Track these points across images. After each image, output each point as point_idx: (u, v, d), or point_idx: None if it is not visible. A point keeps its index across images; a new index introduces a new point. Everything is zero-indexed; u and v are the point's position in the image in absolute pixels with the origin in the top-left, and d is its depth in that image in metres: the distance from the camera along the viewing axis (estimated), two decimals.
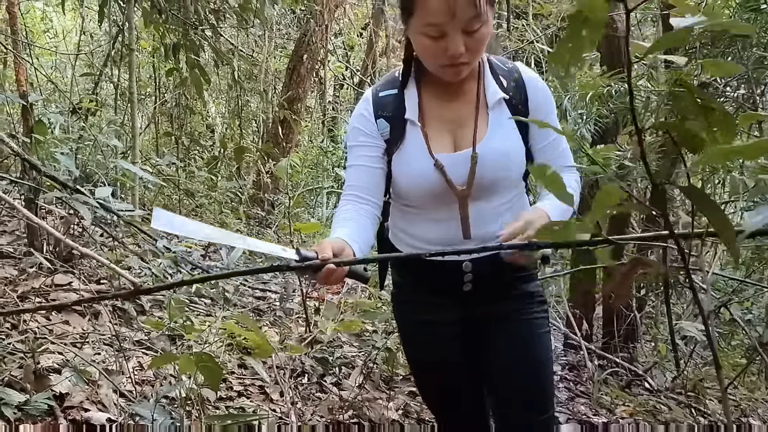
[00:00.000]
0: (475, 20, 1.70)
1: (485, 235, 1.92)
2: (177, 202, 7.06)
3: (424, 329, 2.13)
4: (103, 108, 7.15)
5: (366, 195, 1.93)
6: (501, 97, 1.88)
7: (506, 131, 1.88)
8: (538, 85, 1.92)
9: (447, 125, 1.92)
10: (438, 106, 1.93)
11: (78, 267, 3.95)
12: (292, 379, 3.65)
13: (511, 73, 1.92)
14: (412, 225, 2.02)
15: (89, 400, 2.68)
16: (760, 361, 5.61)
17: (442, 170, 1.86)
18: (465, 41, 1.73)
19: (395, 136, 1.92)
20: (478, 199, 1.90)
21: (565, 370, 5.44)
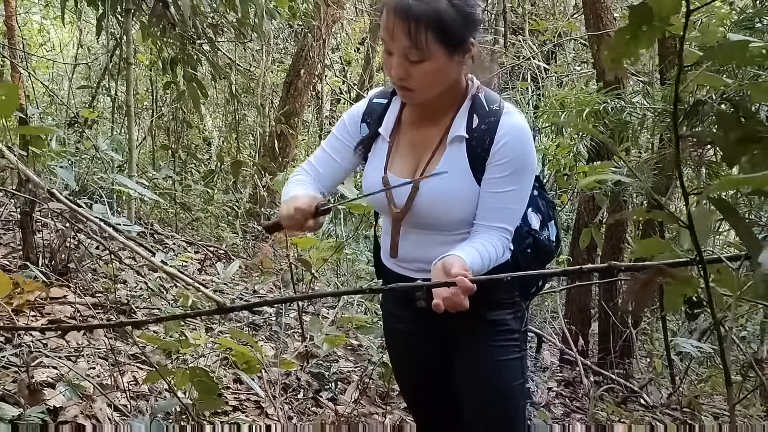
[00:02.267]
0: (411, 51, 1.70)
1: (421, 260, 1.95)
2: (173, 215, 7.05)
3: (393, 335, 2.27)
4: (100, 121, 7.16)
5: (321, 181, 2.06)
6: (459, 135, 1.84)
7: (456, 171, 1.85)
8: (510, 135, 1.80)
9: (414, 149, 1.95)
10: (411, 129, 1.96)
11: (73, 280, 3.94)
12: (288, 394, 3.64)
13: (490, 114, 1.83)
14: (382, 231, 2.16)
15: (83, 414, 2.66)
16: (755, 378, 5.61)
17: (385, 185, 1.94)
18: (408, 68, 1.73)
19: (369, 142, 2.00)
20: (416, 226, 1.94)
21: (561, 386, 5.43)
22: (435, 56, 1.70)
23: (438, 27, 1.67)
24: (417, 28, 1.66)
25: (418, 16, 1.65)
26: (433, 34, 1.67)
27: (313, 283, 5.13)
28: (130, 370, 3.23)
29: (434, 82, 1.78)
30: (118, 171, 5.53)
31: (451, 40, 1.70)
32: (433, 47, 1.69)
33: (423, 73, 1.73)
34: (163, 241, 5.98)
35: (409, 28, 1.66)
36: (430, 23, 1.66)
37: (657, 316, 6.08)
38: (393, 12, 1.68)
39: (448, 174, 1.83)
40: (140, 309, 3.92)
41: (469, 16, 1.71)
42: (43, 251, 3.97)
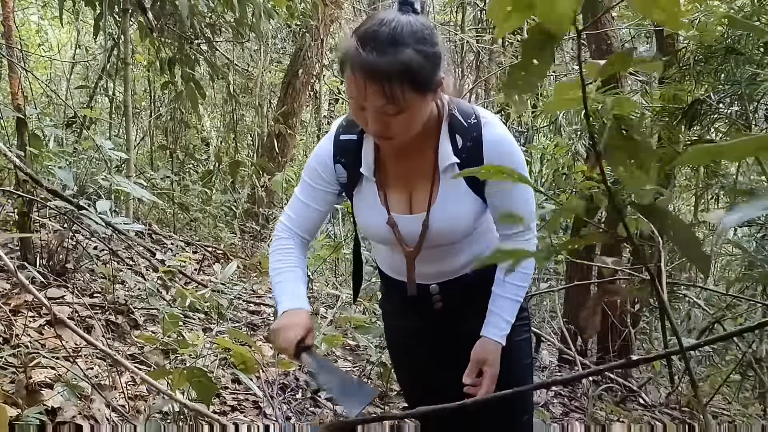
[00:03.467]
0: (388, 106, 1.65)
1: (436, 273, 2.00)
2: (171, 216, 7.05)
3: (400, 333, 2.26)
4: (98, 121, 7.15)
5: (304, 233, 2.04)
6: (451, 164, 1.83)
7: (457, 197, 1.86)
8: (496, 146, 1.81)
9: (403, 183, 1.92)
10: (394, 163, 1.92)
11: (71, 280, 3.94)
12: (286, 394, 3.64)
13: (471, 130, 1.82)
14: (376, 248, 2.16)
15: (81, 414, 2.66)
16: (754, 377, 5.61)
17: (394, 228, 1.92)
18: (386, 121, 1.69)
19: (351, 183, 1.95)
20: (427, 251, 1.95)
21: (559, 386, 5.43)
22: (412, 105, 1.66)
23: (410, 78, 1.62)
24: (391, 86, 1.61)
25: (389, 74, 1.60)
26: (407, 86, 1.62)
27: (310, 283, 5.13)
28: (129, 370, 3.22)
29: (414, 126, 1.74)
30: (116, 171, 5.53)
31: (425, 85, 1.66)
32: (409, 98, 1.64)
33: (402, 122, 1.70)
34: (161, 241, 5.98)
35: (383, 88, 1.61)
36: (402, 77, 1.60)
37: (656, 315, 6.08)
38: (361, 73, 1.62)
39: (455, 201, 1.85)
40: (138, 309, 3.91)
41: (434, 56, 1.66)
42: (41, 251, 3.96)
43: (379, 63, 1.59)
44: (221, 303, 4.38)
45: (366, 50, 1.59)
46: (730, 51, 2.87)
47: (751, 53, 2.87)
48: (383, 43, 1.59)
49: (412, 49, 1.60)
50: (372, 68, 1.60)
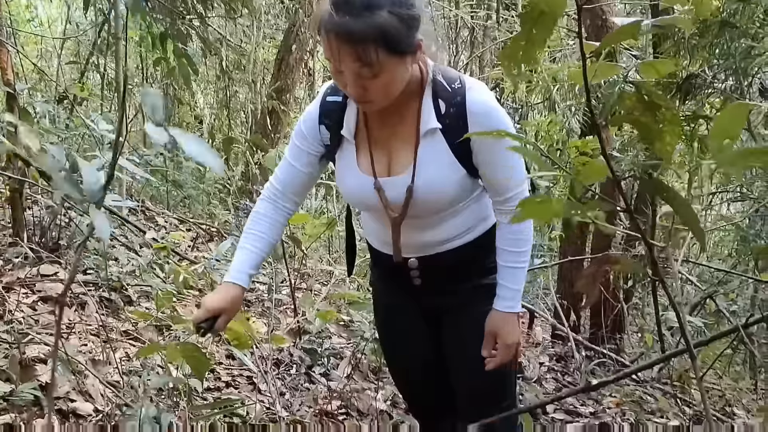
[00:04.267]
0: (363, 70, 1.64)
1: (422, 244, 1.99)
2: (165, 193, 7.02)
3: (386, 311, 2.26)
4: (90, 98, 7.10)
5: (290, 194, 2.05)
6: (432, 128, 1.82)
7: (439, 162, 1.84)
8: (480, 112, 1.79)
9: (384, 146, 1.90)
10: (377, 125, 1.90)
11: (64, 257, 3.93)
12: (280, 370, 3.65)
13: (454, 95, 1.80)
14: (364, 220, 2.15)
15: (76, 390, 2.66)
16: (745, 352, 5.65)
17: (380, 192, 1.91)
18: (364, 84, 1.68)
19: (333, 145, 1.95)
20: (412, 219, 1.93)
21: (552, 361, 5.46)
22: (388, 68, 1.65)
23: (385, 41, 1.60)
24: (365, 49, 1.60)
25: (363, 37, 1.58)
26: (382, 49, 1.61)
27: (305, 260, 5.13)
28: (122, 346, 3.23)
29: (393, 90, 1.73)
30: (108, 149, 5.49)
31: (401, 48, 1.64)
32: (384, 61, 1.63)
33: (380, 86, 1.69)
34: (154, 218, 5.96)
35: (356, 51, 1.60)
36: (377, 40, 1.59)
37: (648, 291, 6.10)
38: (335, 37, 1.61)
39: (436, 167, 1.84)
40: (132, 286, 3.91)
41: (410, 19, 1.64)
42: (33, 229, 3.95)
43: (353, 26, 1.58)
44: (215, 280, 4.38)
45: (339, 13, 1.58)
46: (725, 24, 2.86)
47: (746, 27, 2.86)
48: (357, 5, 1.58)
49: (386, 12, 1.59)
50: (345, 32, 1.59)
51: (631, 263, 1.57)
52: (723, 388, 5.25)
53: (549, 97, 6.07)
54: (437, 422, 2.29)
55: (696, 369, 1.25)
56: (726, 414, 4.73)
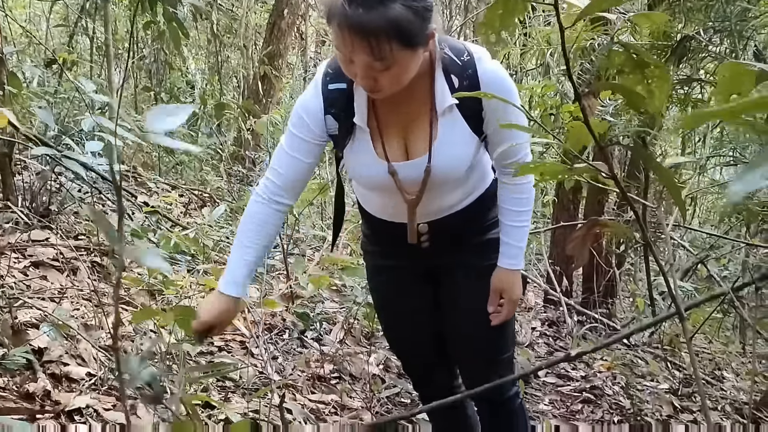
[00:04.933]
0: (376, 63, 1.60)
1: (432, 212, 1.98)
2: (156, 159, 6.99)
3: (384, 273, 2.22)
4: (80, 62, 7.03)
5: (289, 189, 1.96)
6: (450, 105, 1.79)
7: (457, 138, 1.83)
8: (493, 79, 1.77)
9: (397, 130, 1.87)
10: (388, 109, 1.86)
11: (55, 222, 3.91)
12: (273, 335, 3.66)
13: (465, 68, 1.78)
14: (365, 196, 2.11)
15: (68, 354, 2.67)
16: (735, 317, 5.70)
17: (395, 177, 1.88)
18: (375, 76, 1.64)
19: (343, 134, 1.89)
20: (427, 196, 1.92)
21: (544, 326, 5.49)
22: (401, 61, 1.62)
23: (398, 35, 1.56)
24: (378, 44, 1.56)
25: (376, 31, 1.54)
26: (395, 43, 1.57)
27: (297, 225, 5.13)
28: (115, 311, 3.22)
29: (405, 79, 1.70)
30: (99, 113, 5.45)
31: (415, 41, 1.62)
32: (397, 54, 1.60)
33: (392, 77, 1.65)
34: (145, 184, 5.94)
35: (369, 45, 1.56)
36: (390, 35, 1.55)
37: (640, 256, 6.13)
38: (347, 30, 1.56)
39: (456, 143, 1.83)
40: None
41: (424, 10, 1.60)
42: (24, 193, 3.93)
43: (366, 20, 1.53)
44: (207, 245, 4.38)
45: (352, 6, 1.53)
46: None
47: None
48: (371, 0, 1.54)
49: (400, 4, 1.54)
50: (358, 25, 1.54)
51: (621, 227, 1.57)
52: (713, 352, 5.30)
53: (543, 62, 6.03)
54: (432, 382, 2.31)
55: (686, 331, 1.26)
56: (715, 377, 4.78)
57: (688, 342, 1.18)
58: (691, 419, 3.53)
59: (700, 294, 4.97)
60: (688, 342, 1.16)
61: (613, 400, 3.80)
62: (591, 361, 4.51)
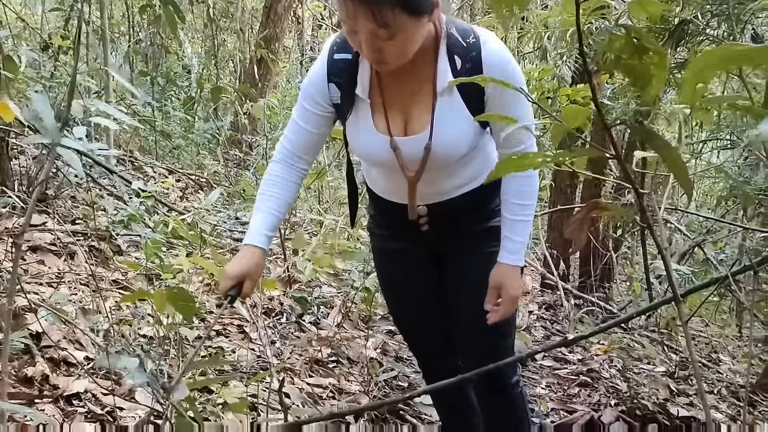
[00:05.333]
0: (380, 31, 1.60)
1: (434, 194, 1.99)
2: (153, 143, 6.97)
3: (390, 256, 2.24)
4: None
5: (301, 154, 2.02)
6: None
7: (455, 118, 1.83)
8: (496, 63, 1.77)
9: (399, 105, 1.88)
10: (391, 83, 1.86)
11: (52, 206, 3.91)
12: (271, 319, 3.67)
13: (470, 50, 1.77)
14: (368, 172, 2.13)
15: (66, 339, 2.67)
16: (731, 300, 5.72)
17: (396, 151, 1.88)
18: (380, 45, 1.64)
19: (346, 104, 1.91)
20: (426, 173, 1.92)
21: (541, 309, 5.51)
22: (405, 29, 1.62)
23: (402, 2, 1.57)
24: (381, 10, 1.57)
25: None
26: (399, 9, 1.58)
27: (294, 209, 5.13)
28: (112, 295, 3.23)
29: (410, 49, 1.70)
30: (95, 98, 5.43)
31: (418, 8, 1.62)
32: (401, 22, 1.60)
33: (396, 46, 1.66)
34: (142, 168, 5.93)
35: (372, 12, 1.57)
36: (393, 1, 1.56)
37: (637, 240, 6.14)
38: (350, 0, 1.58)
39: (454, 124, 1.82)
40: (121, 236, 3.90)
41: None
42: (21, 178, 3.92)
43: None
44: (204, 229, 4.38)
45: None
46: None
47: None
48: None
49: None
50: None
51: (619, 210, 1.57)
52: (709, 336, 5.33)
53: (540, 45, 6.01)
54: (437, 363, 2.32)
55: (681, 315, 1.26)
56: (712, 360, 4.81)
57: (685, 326, 1.18)
58: (688, 402, 3.55)
59: (698, 277, 4.98)
60: (684, 326, 1.17)
61: (610, 384, 3.81)
62: (588, 344, 4.52)
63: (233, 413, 2.51)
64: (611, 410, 3.29)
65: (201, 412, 2.40)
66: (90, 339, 2.71)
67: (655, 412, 3.30)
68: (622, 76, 4.14)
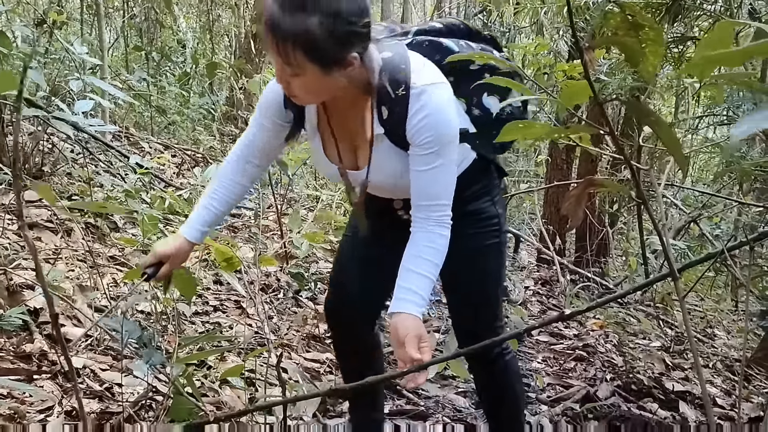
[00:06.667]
0: (285, 66, 1.62)
1: (397, 197, 2.02)
2: (149, 119, 6.95)
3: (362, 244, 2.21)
4: (70, 22, 6.94)
5: (252, 159, 2.04)
6: (379, 134, 1.82)
7: (390, 159, 1.85)
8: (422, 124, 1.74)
9: (348, 137, 1.90)
10: (335, 117, 1.90)
11: (49, 183, 3.90)
12: (268, 294, 3.68)
13: (397, 104, 1.76)
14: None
15: (64, 315, 2.68)
16: (727, 275, 5.75)
17: (344, 177, 1.95)
18: (287, 78, 1.67)
19: (300, 127, 1.95)
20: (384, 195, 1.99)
21: (537, 285, 5.53)
22: (308, 72, 1.62)
23: (305, 47, 1.57)
24: (284, 46, 1.57)
25: (285, 34, 1.56)
26: (300, 53, 1.58)
27: (291, 185, 5.12)
28: (109, 272, 3.24)
29: (315, 94, 1.73)
30: (90, 73, 5.40)
31: (323, 59, 1.61)
32: (304, 65, 1.60)
33: (300, 86, 1.68)
34: (138, 144, 5.91)
35: (277, 45, 1.58)
36: (298, 42, 1.56)
37: (633, 215, 6.15)
38: (267, 27, 1.59)
39: (389, 164, 1.85)
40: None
41: (345, 35, 1.60)
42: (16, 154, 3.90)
43: (280, 21, 1.56)
44: None
45: (276, 7, 1.56)
46: None
47: None
48: (293, 4, 1.56)
49: (317, 19, 1.55)
50: (271, 24, 1.57)
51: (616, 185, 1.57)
52: (704, 310, 5.35)
53: (536, 20, 5.99)
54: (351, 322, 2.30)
55: (678, 291, 1.27)
56: (707, 335, 4.84)
57: (682, 302, 1.19)
58: (683, 376, 3.58)
59: (693, 252, 5.00)
60: (681, 302, 1.17)
61: (606, 358, 3.83)
62: (584, 319, 4.55)
63: (230, 383, 2.53)
64: (607, 385, 3.32)
65: (199, 387, 2.42)
66: (88, 315, 2.71)
67: (650, 386, 3.32)
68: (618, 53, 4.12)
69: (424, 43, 1.94)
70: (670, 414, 3.12)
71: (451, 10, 12.00)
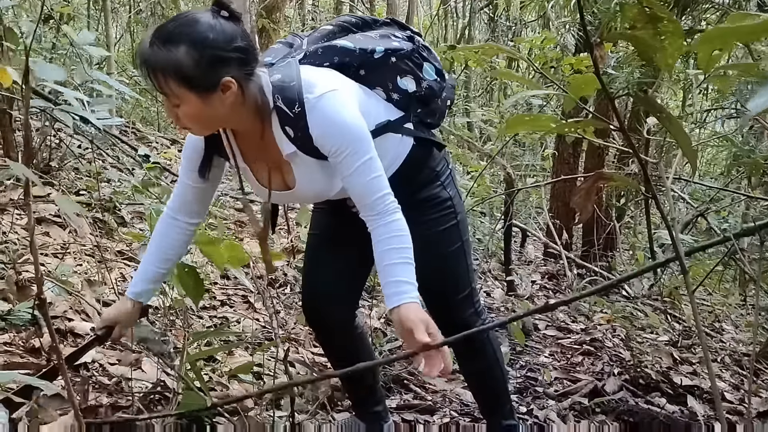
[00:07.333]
0: (165, 96, 1.68)
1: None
2: (155, 114, 6.95)
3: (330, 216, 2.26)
4: (77, 17, 6.94)
5: (183, 210, 2.03)
6: (292, 153, 1.83)
7: (313, 174, 1.88)
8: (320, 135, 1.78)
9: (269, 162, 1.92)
10: (245, 147, 1.92)
11: (57, 178, 3.91)
12: (275, 289, 3.68)
13: (297, 121, 1.78)
14: None
15: (72, 309, 2.69)
16: (735, 269, 5.73)
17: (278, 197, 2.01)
18: (173, 111, 1.71)
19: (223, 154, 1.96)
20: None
21: (544, 279, 5.53)
22: (187, 101, 1.67)
23: (176, 75, 1.63)
24: (156, 78, 1.64)
25: (155, 66, 1.63)
26: (173, 81, 1.63)
27: None
28: (117, 266, 3.24)
29: (204, 121, 1.75)
30: (96, 69, 5.40)
31: (198, 85, 1.65)
32: (180, 93, 1.65)
33: (186, 116, 1.70)
34: (145, 139, 5.92)
35: (150, 77, 1.65)
36: (168, 72, 1.63)
37: (641, 209, 6.14)
38: (141, 64, 1.67)
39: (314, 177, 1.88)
40: (125, 207, 3.90)
41: (216, 59, 1.64)
42: (24, 149, 3.91)
43: (152, 56, 1.63)
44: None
45: (148, 45, 1.64)
46: None
47: None
48: (161, 37, 1.63)
49: (184, 48, 1.61)
50: (147, 61, 1.64)
51: (624, 179, 1.57)
52: (712, 304, 5.34)
53: (543, 14, 5.97)
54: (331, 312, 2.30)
55: (688, 285, 1.27)
56: (715, 329, 4.83)
57: (691, 296, 1.18)
58: (691, 371, 3.57)
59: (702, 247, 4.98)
60: (690, 296, 1.17)
61: (613, 352, 3.83)
62: (591, 313, 4.54)
63: (239, 378, 2.54)
64: (614, 379, 3.31)
65: (207, 382, 2.42)
66: (97, 310, 2.72)
67: (658, 380, 3.32)
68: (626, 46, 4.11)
69: (318, 51, 1.96)
70: (678, 408, 3.11)
71: (456, 4, 11.95)
